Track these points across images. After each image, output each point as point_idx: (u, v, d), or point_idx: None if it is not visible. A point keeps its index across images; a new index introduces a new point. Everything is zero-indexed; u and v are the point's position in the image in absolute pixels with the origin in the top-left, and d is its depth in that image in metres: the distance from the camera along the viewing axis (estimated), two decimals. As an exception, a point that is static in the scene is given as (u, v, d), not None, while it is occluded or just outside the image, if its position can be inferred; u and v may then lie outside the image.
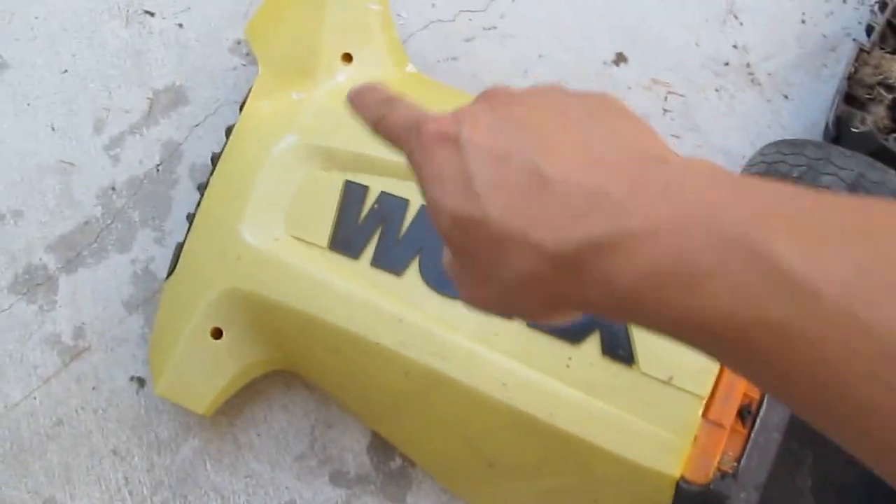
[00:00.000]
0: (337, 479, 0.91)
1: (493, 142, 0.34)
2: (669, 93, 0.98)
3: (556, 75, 0.97)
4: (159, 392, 0.84)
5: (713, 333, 0.28)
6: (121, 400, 0.93)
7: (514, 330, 0.73)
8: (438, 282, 0.76)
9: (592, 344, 0.72)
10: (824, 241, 0.26)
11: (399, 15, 0.98)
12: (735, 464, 0.71)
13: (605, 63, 0.97)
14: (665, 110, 0.97)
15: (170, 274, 0.86)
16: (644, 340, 0.71)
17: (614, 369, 0.72)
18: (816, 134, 0.96)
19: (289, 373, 0.89)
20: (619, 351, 0.71)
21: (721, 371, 0.71)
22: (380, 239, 0.79)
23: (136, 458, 0.92)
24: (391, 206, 0.79)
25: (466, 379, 0.73)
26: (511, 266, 0.33)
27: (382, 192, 0.80)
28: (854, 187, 0.76)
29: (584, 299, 0.33)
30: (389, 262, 0.78)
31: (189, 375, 0.84)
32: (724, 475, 0.70)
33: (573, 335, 0.72)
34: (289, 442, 0.91)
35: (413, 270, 0.77)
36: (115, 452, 0.92)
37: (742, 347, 0.28)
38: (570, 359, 0.72)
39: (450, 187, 0.35)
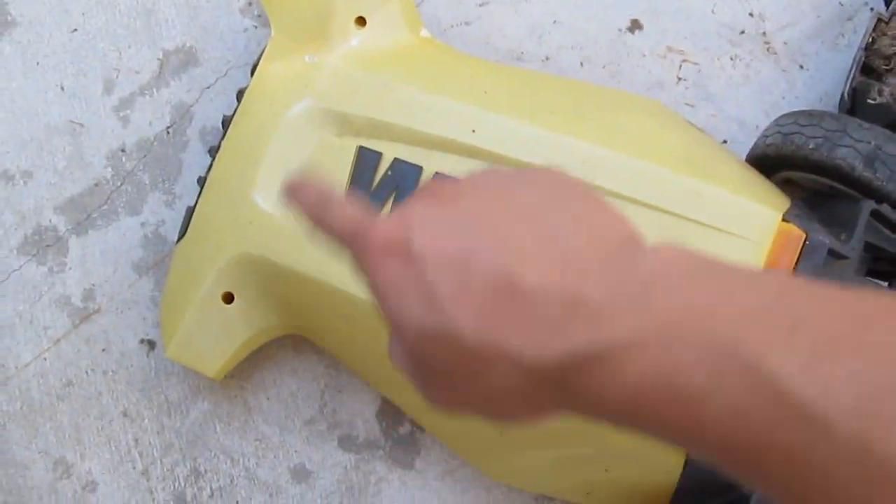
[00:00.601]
0: (346, 443, 0.91)
1: (449, 246, 0.31)
2: (684, 61, 0.97)
3: (571, 42, 0.96)
4: (169, 355, 0.84)
5: (719, 451, 0.27)
6: (131, 362, 0.93)
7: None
8: (452, 249, 0.76)
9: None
10: (823, 353, 0.24)
11: (413, -22, 0.97)
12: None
13: (619, 30, 0.96)
14: (679, 79, 0.96)
15: (180, 238, 0.86)
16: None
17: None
18: (831, 105, 0.95)
19: (298, 337, 0.90)
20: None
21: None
22: (392, 206, 0.78)
23: (146, 420, 0.92)
24: (404, 172, 0.79)
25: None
26: (489, 380, 0.31)
27: (396, 159, 0.79)
28: (870, 160, 0.76)
29: (572, 408, 0.31)
30: (402, 229, 0.78)
31: (199, 339, 0.84)
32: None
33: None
34: (298, 406, 0.92)
35: (426, 238, 0.77)
36: (125, 414, 0.92)
37: (751, 468, 0.26)
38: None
39: (410, 301, 0.32)
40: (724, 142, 0.95)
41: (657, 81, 0.96)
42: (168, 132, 0.95)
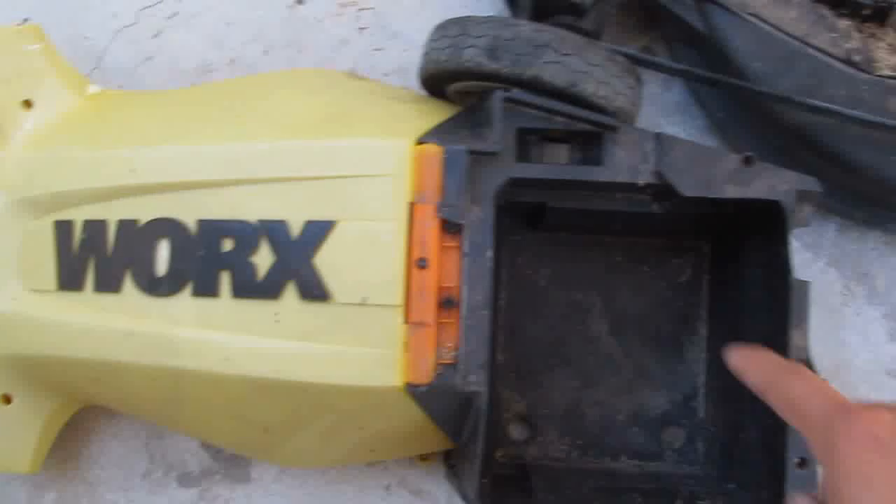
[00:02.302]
0: (185, 481, 0.96)
1: None
2: (360, 10, 0.98)
3: (249, 35, 0.98)
4: (-18, 468, 0.89)
5: None
6: (-26, 484, 0.99)
7: (225, 305, 0.76)
8: (150, 286, 0.79)
9: (290, 293, 0.75)
10: None
11: (85, 37, 0.99)
12: (454, 353, 0.73)
13: (288, 6, 0.98)
14: (361, 28, 0.98)
15: (-44, 359, 0.90)
16: (331, 274, 0.74)
17: (315, 309, 0.74)
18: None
19: (106, 404, 0.94)
20: (314, 291, 0.74)
21: (408, 275, 0.73)
22: (95, 265, 0.82)
23: (7, 530, 0.98)
24: (95, 231, 0.82)
25: (197, 365, 0.76)
26: None
27: (85, 221, 0.82)
28: (492, 51, 0.76)
29: None
30: (107, 283, 0.81)
31: (1, 444, 0.89)
32: (445, 367, 0.73)
33: (272, 292, 0.75)
34: (131, 464, 0.96)
35: (129, 283, 0.80)
36: (-13, 533, 0.98)
37: None
38: (276, 314, 0.75)
39: (880, 492, 0.34)
40: (424, 71, 0.96)
41: (342, 40, 0.97)
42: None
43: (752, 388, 0.44)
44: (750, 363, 0.45)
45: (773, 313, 0.77)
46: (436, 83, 0.83)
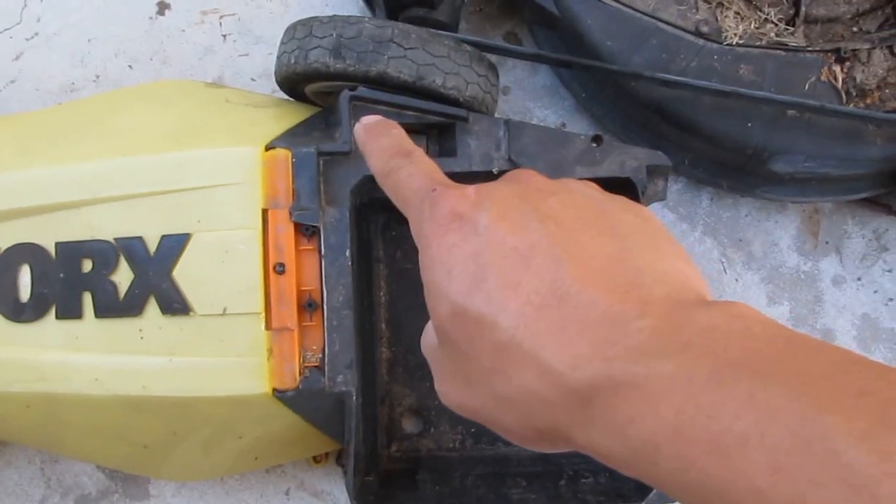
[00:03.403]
0: (83, 503, 0.95)
1: (517, 237, 0.31)
2: (222, 17, 0.97)
3: (112, 51, 0.97)
4: None
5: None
6: None
7: (90, 326, 0.76)
8: (15, 312, 0.78)
9: (152, 309, 0.74)
10: (881, 421, 0.22)
11: (-56, 64, 0.98)
12: (319, 355, 0.74)
13: (150, 18, 0.97)
14: (225, 36, 0.97)
15: None
16: (191, 287, 0.73)
17: (178, 323, 0.74)
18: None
19: (-4, 433, 0.93)
20: (175, 305, 0.74)
21: (266, 282, 0.73)
22: (-41, 297, 0.81)
23: None
24: (-43, 261, 0.81)
25: (68, 389, 0.76)
26: (511, 380, 0.30)
27: (-53, 252, 0.81)
28: (337, 50, 0.76)
29: (586, 440, 0.29)
30: (-27, 313, 0.80)
31: None
32: (311, 370, 0.73)
33: (134, 309, 0.75)
34: (27, 491, 0.95)
35: (-6, 313, 0.79)
36: None
37: None
38: (140, 331, 0.75)
39: (457, 276, 0.31)
40: (292, 72, 0.96)
41: (206, 48, 0.97)
42: None
43: (371, 168, 0.39)
44: (371, 140, 0.40)
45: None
46: (291, 86, 0.83)
